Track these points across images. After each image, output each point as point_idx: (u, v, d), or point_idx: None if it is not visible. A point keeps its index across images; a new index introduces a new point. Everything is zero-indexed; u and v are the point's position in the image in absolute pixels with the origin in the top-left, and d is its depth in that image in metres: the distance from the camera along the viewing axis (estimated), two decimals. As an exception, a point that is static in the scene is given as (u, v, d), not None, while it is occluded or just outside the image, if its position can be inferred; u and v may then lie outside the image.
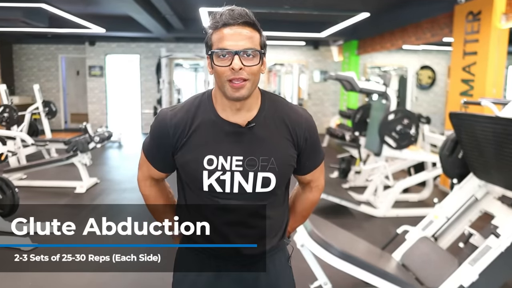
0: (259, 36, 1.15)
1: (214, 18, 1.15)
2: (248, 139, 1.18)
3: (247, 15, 1.15)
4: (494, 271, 2.43)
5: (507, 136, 2.46)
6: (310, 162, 1.29)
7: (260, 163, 1.18)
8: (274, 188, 1.21)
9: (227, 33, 1.11)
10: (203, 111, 1.20)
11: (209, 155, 1.18)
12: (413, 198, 5.16)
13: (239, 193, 1.20)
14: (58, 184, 5.53)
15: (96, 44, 10.97)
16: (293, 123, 1.23)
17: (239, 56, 1.10)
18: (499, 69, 4.77)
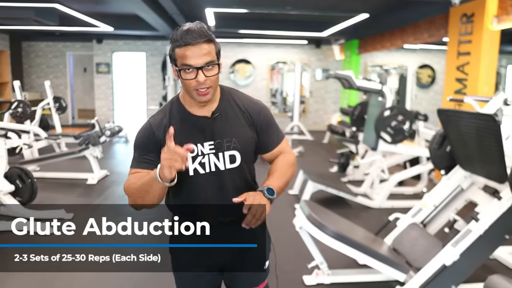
0: (214, 47, 1.38)
1: (176, 38, 1.35)
2: (214, 127, 1.45)
3: (204, 33, 1.35)
4: (473, 252, 2.69)
5: (487, 130, 2.70)
6: (271, 138, 1.53)
7: (225, 144, 1.45)
8: (240, 163, 1.47)
9: (189, 52, 1.34)
10: (176, 111, 1.49)
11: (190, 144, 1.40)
12: (408, 191, 5.41)
13: (215, 171, 1.46)
14: (71, 176, 5.81)
15: (104, 41, 11.24)
16: (249, 110, 1.50)
17: (202, 70, 1.35)
18: (490, 68, 5.01)
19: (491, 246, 2.75)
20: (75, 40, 11.52)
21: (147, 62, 11.45)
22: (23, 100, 6.75)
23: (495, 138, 2.66)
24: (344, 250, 2.75)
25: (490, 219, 2.69)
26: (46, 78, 11.45)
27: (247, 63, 11.63)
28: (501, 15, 4.73)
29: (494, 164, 2.79)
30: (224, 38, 11.07)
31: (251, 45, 11.54)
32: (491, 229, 2.68)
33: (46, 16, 7.04)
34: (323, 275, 2.93)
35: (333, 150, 8.04)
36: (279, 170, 1.51)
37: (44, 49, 11.67)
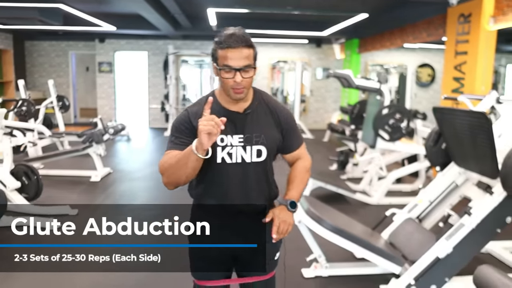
0: (253, 51, 1.53)
1: (220, 40, 1.51)
2: (245, 122, 1.60)
3: (245, 39, 1.50)
4: (466, 245, 2.79)
5: (480, 127, 2.79)
6: (293, 141, 1.69)
7: (254, 139, 1.59)
8: (265, 158, 1.62)
9: (230, 54, 1.49)
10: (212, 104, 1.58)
11: (221, 135, 1.54)
12: (406, 188, 5.51)
13: (241, 163, 1.59)
14: (74, 173, 5.92)
15: (106, 41, 11.34)
16: (278, 112, 1.66)
17: (240, 72, 1.49)
18: (487, 67, 5.09)
19: (483, 240, 2.85)
20: (78, 40, 11.62)
21: (149, 61, 11.54)
22: (27, 98, 6.85)
23: (487, 135, 2.75)
24: (341, 243, 2.84)
25: (482, 213, 2.78)
26: (49, 77, 11.54)
27: (248, 62, 11.70)
28: (498, 15, 4.81)
29: (486, 160, 2.88)
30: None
31: (252, 44, 11.61)
32: (483, 223, 2.78)
33: (50, 16, 7.14)
34: (321, 268, 3.03)
35: (333, 149, 8.13)
36: (298, 177, 1.69)
37: (47, 48, 11.77)
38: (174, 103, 10.89)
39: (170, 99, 10.64)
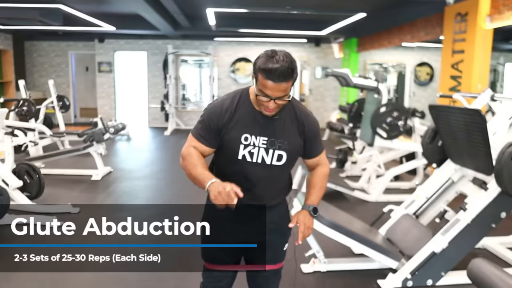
0: (292, 82, 1.55)
1: (266, 68, 1.50)
2: (272, 126, 1.65)
3: (288, 75, 1.51)
4: (461, 240, 2.84)
5: (474, 124, 2.85)
6: (315, 148, 1.76)
7: (278, 144, 1.66)
8: (284, 163, 1.68)
9: (270, 85, 1.52)
10: (243, 103, 1.67)
11: (246, 134, 1.64)
12: (404, 185, 5.56)
13: (261, 163, 1.66)
14: (75, 172, 5.97)
15: (105, 41, 11.38)
16: (303, 120, 1.70)
17: (274, 101, 1.55)
18: (484, 66, 5.14)
19: (479, 235, 2.90)
20: (77, 40, 11.67)
21: (148, 61, 11.59)
22: (28, 98, 6.90)
23: (481, 132, 2.80)
24: (339, 239, 2.90)
25: (477, 208, 2.84)
26: (49, 77, 11.58)
27: (247, 61, 11.76)
28: (494, 14, 4.86)
29: (481, 157, 2.93)
30: (224, 37, 11.22)
31: (251, 44, 11.68)
32: (478, 218, 2.83)
33: (50, 16, 7.19)
34: (320, 263, 3.08)
35: (332, 147, 8.19)
36: (319, 183, 1.79)
37: (46, 48, 11.82)
38: (174, 102, 10.95)
39: (169, 99, 10.69)
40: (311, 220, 1.73)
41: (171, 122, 10.80)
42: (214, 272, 1.83)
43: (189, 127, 11.59)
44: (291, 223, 1.71)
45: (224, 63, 11.80)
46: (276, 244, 1.79)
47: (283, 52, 1.53)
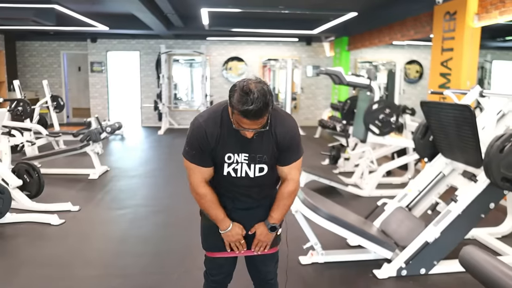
0: (267, 115, 1.61)
1: (238, 107, 1.54)
2: (252, 143, 1.75)
3: (264, 110, 1.55)
4: (452, 230, 2.97)
5: (464, 119, 2.98)
6: (287, 158, 1.82)
7: (257, 159, 1.78)
8: (266, 173, 1.82)
9: (246, 122, 1.58)
10: (224, 124, 1.73)
11: (229, 153, 1.76)
12: (396, 180, 5.70)
13: (245, 177, 1.80)
14: (72, 172, 6.02)
15: (98, 41, 11.39)
16: (277, 132, 1.76)
17: (251, 131, 1.64)
18: (472, 63, 5.29)
19: (469, 225, 3.04)
20: (69, 40, 11.66)
21: (141, 61, 11.63)
22: (23, 98, 6.92)
23: (471, 127, 2.93)
24: (337, 230, 3.01)
25: (467, 200, 2.97)
26: (41, 77, 11.57)
27: (239, 60, 11.85)
28: (481, 13, 5.01)
29: (471, 151, 3.06)
30: (217, 36, 11.29)
31: (243, 43, 11.77)
32: (468, 209, 2.97)
33: (44, 17, 7.21)
34: (317, 255, 3.19)
35: (324, 144, 8.31)
36: (282, 202, 1.87)
37: (38, 48, 11.79)
38: (167, 102, 11.00)
39: (163, 98, 10.73)
40: (268, 235, 1.88)
41: (165, 121, 10.85)
42: (216, 259, 1.95)
43: (182, 126, 11.66)
44: (250, 231, 1.88)
45: (216, 62, 11.87)
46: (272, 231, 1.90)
47: (258, 87, 1.54)
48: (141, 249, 3.54)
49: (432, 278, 3.00)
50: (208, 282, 2.02)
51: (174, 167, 6.87)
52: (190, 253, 3.41)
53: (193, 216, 4.23)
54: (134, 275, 3.06)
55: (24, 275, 3.02)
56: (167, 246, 3.60)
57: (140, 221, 4.24)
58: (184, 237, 3.76)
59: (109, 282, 2.95)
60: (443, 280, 2.98)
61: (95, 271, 3.12)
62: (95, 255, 3.43)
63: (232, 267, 2.01)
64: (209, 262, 1.99)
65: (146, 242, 3.71)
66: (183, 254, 3.41)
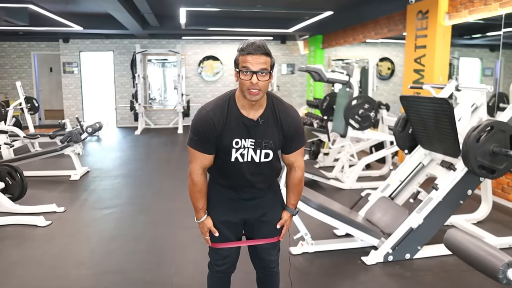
0: (270, 60, 1.72)
1: (243, 47, 1.69)
2: (258, 129, 1.83)
3: (264, 48, 1.69)
4: (434, 216, 3.15)
5: (443, 112, 3.16)
6: (293, 145, 1.91)
7: (264, 144, 1.85)
8: (271, 159, 1.90)
9: (250, 58, 1.68)
10: (231, 111, 1.83)
11: (236, 138, 1.82)
12: (375, 173, 5.91)
13: (251, 162, 1.87)
14: (53, 173, 5.94)
15: (70, 41, 11.19)
16: (283, 120, 1.87)
17: (256, 75, 1.69)
18: (444, 60, 5.55)
19: (449, 210, 3.23)
20: (40, 40, 11.41)
21: (115, 61, 11.50)
22: (-3, 100, 6.75)
23: (449, 119, 3.12)
24: (327, 220, 3.14)
25: (447, 187, 3.16)
26: (10, 79, 11.29)
27: (215, 59, 11.89)
28: (452, 12, 5.26)
29: (449, 141, 3.25)
30: (192, 35, 11.29)
31: (219, 42, 11.82)
32: (448, 195, 3.16)
33: (16, 16, 7.05)
34: (307, 245, 3.31)
35: (303, 141, 8.46)
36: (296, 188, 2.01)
37: (7, 49, 11.48)
38: (143, 102, 10.92)
39: (138, 98, 10.66)
40: (291, 221, 2.08)
41: (141, 121, 10.78)
42: (220, 250, 2.02)
43: (158, 126, 11.62)
44: (278, 224, 2.01)
45: (192, 62, 11.87)
46: (273, 221, 2.01)
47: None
48: (133, 246, 3.57)
49: (417, 262, 3.17)
50: (213, 272, 2.09)
51: (154, 166, 6.87)
52: (182, 249, 3.48)
53: (180, 214, 4.34)
54: (130, 271, 3.10)
55: (17, 276, 3.01)
56: (158, 243, 3.65)
57: (127, 220, 4.26)
58: (173, 234, 3.82)
59: (106, 279, 2.98)
60: (426, 263, 3.16)
61: (89, 270, 3.13)
62: (86, 255, 3.43)
63: (236, 257, 2.08)
64: (214, 253, 2.05)
65: (136, 239, 3.74)
66: (175, 250, 3.47)
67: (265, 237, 2.02)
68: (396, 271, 3.03)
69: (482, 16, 4.78)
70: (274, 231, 2.02)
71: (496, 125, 2.97)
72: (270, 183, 2.00)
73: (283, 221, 2.01)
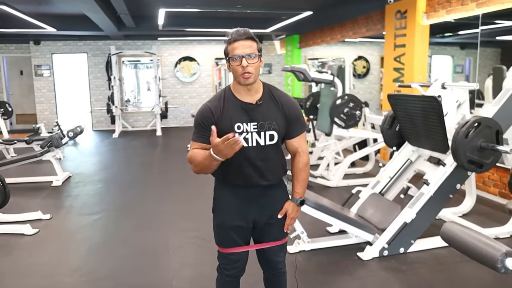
0: (256, 44, 1.81)
1: (228, 37, 1.78)
2: (258, 111, 1.85)
3: (248, 33, 1.78)
4: (426, 210, 3.25)
5: (432, 110, 3.25)
6: (296, 128, 1.94)
7: (267, 125, 1.85)
8: (277, 141, 1.89)
9: (237, 44, 1.76)
10: (228, 97, 1.87)
11: (238, 123, 1.83)
12: (359, 170, 6.02)
13: (256, 146, 1.85)
14: (32, 180, 5.77)
15: (42, 43, 10.89)
16: (283, 103, 1.91)
17: (245, 58, 1.76)
18: (423, 58, 5.71)
19: (440, 204, 3.33)
20: (9, 42, 11.03)
21: (89, 63, 11.26)
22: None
23: (438, 116, 3.21)
24: (323, 218, 3.19)
25: (438, 182, 3.25)
26: (-22, 82, 10.89)
27: (191, 60, 11.82)
28: (430, 12, 5.41)
29: (438, 138, 3.35)
30: (168, 36, 11.17)
31: (195, 43, 11.75)
32: (439, 190, 3.25)
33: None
34: (304, 244, 3.35)
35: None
36: (302, 175, 1.99)
37: (-27, 52, 11.07)
38: (119, 104, 10.74)
39: (115, 101, 10.47)
40: (297, 212, 2.01)
41: (118, 124, 10.59)
42: (230, 255, 2.00)
43: (136, 128, 11.45)
44: (280, 214, 1.95)
45: (168, 63, 11.76)
46: (281, 223, 2.00)
47: None
48: (125, 251, 3.52)
49: (411, 256, 3.26)
50: (222, 276, 2.06)
51: (137, 170, 6.78)
52: (176, 252, 3.46)
53: (169, 217, 4.31)
54: (126, 276, 3.06)
55: (9, 286, 2.92)
56: (151, 246, 3.61)
57: (116, 225, 4.20)
58: (165, 237, 3.78)
59: (103, 285, 2.93)
60: (420, 256, 3.25)
61: (84, 277, 3.07)
62: (79, 262, 3.36)
63: (245, 261, 2.06)
64: (223, 258, 2.03)
65: (128, 244, 3.68)
66: (169, 253, 3.44)
67: (273, 240, 2.01)
68: (393, 265, 3.11)
69: (459, 16, 4.93)
70: (281, 233, 2.02)
71: (483, 121, 3.08)
72: (277, 174, 1.94)
73: (284, 211, 1.96)
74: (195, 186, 5.67)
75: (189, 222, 4.20)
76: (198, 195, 5.13)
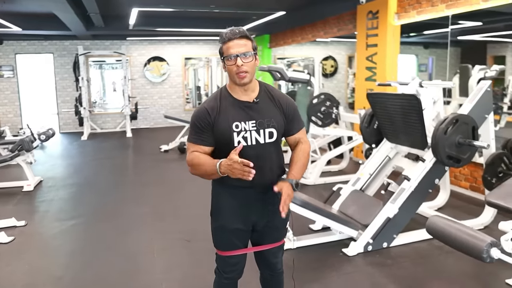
0: (251, 43, 1.81)
1: (222, 36, 1.78)
2: (256, 109, 1.85)
3: (242, 32, 1.77)
4: (408, 205, 3.36)
5: (412, 107, 3.37)
6: (295, 125, 1.96)
7: (266, 123, 1.84)
8: (276, 139, 1.89)
9: (231, 44, 1.75)
10: (224, 97, 1.87)
11: (236, 122, 1.82)
12: (334, 168, 6.13)
13: (256, 144, 1.84)
14: (2, 185, 5.54)
15: (4, 43, 10.45)
16: (281, 100, 1.92)
17: (240, 57, 1.76)
18: (394, 58, 5.88)
19: (420, 199, 3.45)
20: (-33, 42, 10.54)
21: (56, 63, 10.90)
22: None
23: (417, 114, 3.33)
24: (309, 215, 3.24)
25: (418, 177, 3.37)
26: None
27: (161, 60, 11.66)
28: (401, 12, 5.58)
29: (417, 135, 3.47)
30: (137, 36, 10.98)
31: (164, 42, 11.60)
32: (419, 185, 3.37)
33: None
34: (289, 242, 3.38)
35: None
36: (301, 160, 1.95)
37: None
38: (88, 106, 10.47)
39: (83, 102, 10.19)
40: (292, 192, 1.85)
41: (87, 126, 10.32)
42: (228, 258, 1.98)
43: (105, 130, 11.19)
44: (275, 187, 1.81)
45: (137, 63, 11.56)
46: (279, 225, 2.00)
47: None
48: (109, 255, 3.45)
49: (394, 250, 3.36)
50: (220, 279, 2.05)
51: (110, 172, 6.64)
52: (162, 254, 3.42)
53: (149, 218, 4.27)
54: (114, 280, 3.00)
55: (-10, 297, 2.82)
56: (134, 249, 3.56)
57: (96, 229, 4.10)
58: (148, 239, 3.75)
59: (91, 292, 2.87)
60: (402, 250, 3.36)
61: (69, 284, 2.99)
62: (61, 268, 3.26)
63: (243, 264, 2.05)
64: (222, 261, 2.01)
65: (111, 248, 3.61)
66: (153, 255, 3.40)
67: (272, 241, 2.01)
68: (377, 260, 3.19)
69: (429, 17, 5.11)
70: (280, 234, 2.03)
71: (460, 118, 3.22)
72: (276, 174, 1.93)
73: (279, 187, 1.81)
74: (172, 186, 5.63)
75: (169, 223, 4.17)
76: (175, 195, 5.09)
